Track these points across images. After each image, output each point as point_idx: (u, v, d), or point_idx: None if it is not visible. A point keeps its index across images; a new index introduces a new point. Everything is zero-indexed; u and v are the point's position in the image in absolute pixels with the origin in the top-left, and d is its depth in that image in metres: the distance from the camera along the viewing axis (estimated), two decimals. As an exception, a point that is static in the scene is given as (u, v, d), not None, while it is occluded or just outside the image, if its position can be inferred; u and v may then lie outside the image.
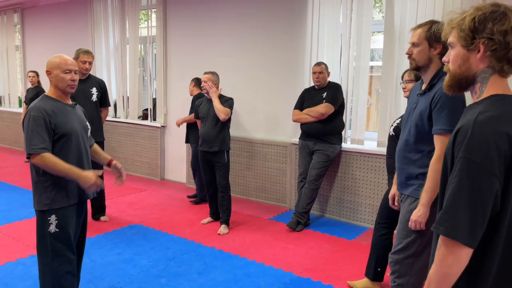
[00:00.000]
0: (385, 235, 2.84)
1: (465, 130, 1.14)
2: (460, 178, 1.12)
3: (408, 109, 2.19)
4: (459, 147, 1.14)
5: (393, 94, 4.02)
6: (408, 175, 2.12)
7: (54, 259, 2.24)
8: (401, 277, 2.13)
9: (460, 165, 1.13)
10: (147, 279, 3.08)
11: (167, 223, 4.23)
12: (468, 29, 1.19)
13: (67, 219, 2.27)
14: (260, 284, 3.02)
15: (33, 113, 2.20)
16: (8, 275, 3.07)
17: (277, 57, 4.74)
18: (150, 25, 5.97)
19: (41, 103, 2.25)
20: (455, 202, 1.12)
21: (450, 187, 1.15)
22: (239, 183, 5.14)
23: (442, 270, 1.15)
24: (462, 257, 1.13)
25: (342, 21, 4.28)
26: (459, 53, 1.23)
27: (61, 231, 2.25)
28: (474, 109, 1.19)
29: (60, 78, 2.28)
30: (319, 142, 4.04)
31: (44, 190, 2.23)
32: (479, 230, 1.12)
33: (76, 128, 2.32)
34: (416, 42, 2.04)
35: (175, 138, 5.82)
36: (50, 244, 2.24)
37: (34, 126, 2.18)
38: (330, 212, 4.51)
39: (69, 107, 2.35)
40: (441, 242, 1.15)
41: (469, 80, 1.24)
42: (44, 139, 2.18)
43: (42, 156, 2.17)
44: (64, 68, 2.28)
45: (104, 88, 4.25)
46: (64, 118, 2.27)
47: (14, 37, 8.09)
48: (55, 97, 2.32)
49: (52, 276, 2.25)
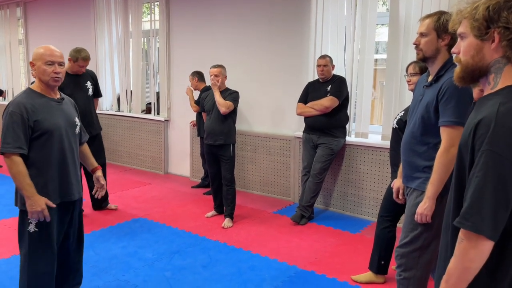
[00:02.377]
0: (388, 228, 2.84)
1: (488, 122, 1.11)
2: (485, 172, 1.10)
3: (414, 101, 2.17)
4: (482, 139, 1.11)
5: (397, 87, 4.00)
6: (414, 168, 2.10)
7: (32, 259, 2.19)
8: (407, 270, 2.12)
9: (485, 158, 1.10)
10: (152, 272, 3.09)
11: (171, 216, 4.24)
12: (482, 19, 1.16)
13: (48, 221, 2.20)
14: (265, 277, 3.03)
15: (11, 108, 2.09)
16: (14, 269, 3.08)
17: (281, 50, 4.72)
18: (153, 19, 5.94)
19: (21, 98, 2.13)
20: (480, 196, 1.10)
21: (473, 181, 1.12)
22: (243, 176, 5.14)
23: (464, 265, 1.14)
24: (484, 251, 1.12)
25: (346, 14, 4.25)
26: (472, 44, 1.20)
27: (40, 231, 2.18)
28: (492, 100, 1.16)
29: (42, 70, 2.15)
30: (323, 135, 4.03)
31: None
32: (502, 223, 1.11)
33: (60, 124, 2.21)
34: (424, 32, 2.01)
35: (179, 132, 5.82)
36: (28, 243, 2.18)
37: (10, 122, 2.07)
38: (334, 205, 4.51)
39: (54, 102, 2.23)
40: (462, 237, 1.14)
41: (482, 71, 1.21)
42: (19, 137, 2.08)
43: (12, 159, 2.08)
44: (46, 59, 2.14)
45: (96, 79, 4.31)
46: (46, 114, 2.15)
47: (17, 31, 8.08)
48: (39, 91, 2.20)
49: (28, 275, 2.21)
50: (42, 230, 2.19)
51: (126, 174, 5.91)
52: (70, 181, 2.31)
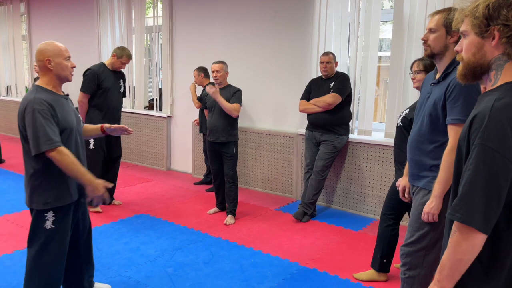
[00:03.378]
0: (391, 226, 2.83)
1: (482, 117, 1.14)
2: (477, 165, 1.12)
3: (421, 98, 2.14)
4: (475, 134, 1.14)
5: (401, 85, 3.98)
6: (421, 167, 2.08)
7: (46, 255, 2.19)
8: (412, 269, 2.11)
9: (477, 151, 1.12)
10: (154, 268, 3.09)
11: (173, 213, 4.25)
12: (482, 16, 1.18)
13: (65, 217, 2.21)
14: (266, 274, 3.03)
15: (37, 106, 2.05)
16: (17, 264, 3.10)
17: (284, 47, 4.70)
18: (156, 15, 5.93)
19: (39, 95, 2.10)
20: (471, 189, 1.13)
21: (465, 174, 1.15)
22: (245, 173, 5.14)
23: (456, 256, 1.16)
24: (476, 244, 1.13)
25: (350, 10, 4.23)
26: (473, 41, 1.22)
27: (57, 227, 2.19)
28: (489, 96, 1.18)
29: (64, 66, 2.17)
30: (326, 132, 4.02)
31: (43, 188, 2.13)
32: (494, 217, 1.12)
33: (73, 121, 2.21)
34: (433, 28, 1.98)
35: (182, 128, 5.82)
36: (44, 240, 2.17)
37: (42, 119, 2.03)
38: (336, 203, 4.50)
39: (63, 98, 2.23)
40: (455, 229, 1.16)
41: (484, 68, 1.22)
42: (56, 132, 2.06)
43: (60, 151, 2.04)
44: (66, 55, 2.19)
45: (125, 79, 4.56)
46: (62, 111, 2.15)
47: (20, 26, 8.08)
48: (50, 88, 2.18)
49: (39, 271, 2.20)
50: (59, 227, 2.20)
51: (129, 170, 5.92)
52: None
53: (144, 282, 2.90)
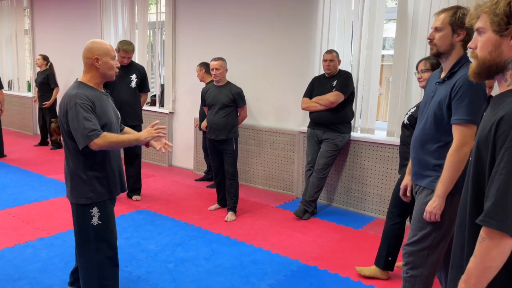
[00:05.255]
0: (397, 224, 2.83)
1: (510, 119, 1.10)
2: (510, 169, 1.08)
3: (425, 97, 2.13)
4: (504, 136, 1.10)
5: (404, 84, 3.97)
6: (424, 166, 2.07)
7: (99, 252, 2.22)
8: (415, 268, 2.11)
9: (508, 155, 1.08)
10: (155, 264, 3.10)
11: (174, 209, 4.25)
12: (503, 14, 1.14)
13: (109, 211, 2.25)
14: (267, 271, 3.03)
15: (79, 100, 2.09)
16: (18, 257, 3.11)
17: (287, 44, 4.69)
18: (159, 11, 5.92)
19: (81, 90, 2.15)
20: (505, 194, 1.09)
21: (497, 178, 1.10)
22: (246, 170, 5.14)
23: (485, 264, 1.12)
24: (506, 250, 1.11)
25: (354, 8, 4.21)
26: (490, 39, 1.18)
27: (104, 223, 2.22)
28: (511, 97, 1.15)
29: (110, 65, 2.22)
30: (328, 131, 4.01)
31: (87, 183, 2.16)
32: None
33: (113, 117, 2.26)
34: (439, 26, 1.96)
35: (183, 124, 5.82)
36: (93, 237, 2.20)
37: (84, 112, 2.07)
38: (337, 201, 4.50)
39: (104, 95, 2.28)
40: (484, 235, 1.12)
41: (500, 67, 1.19)
42: (97, 124, 2.10)
43: (103, 136, 2.08)
44: (112, 54, 2.23)
45: (144, 74, 4.53)
46: (103, 107, 2.20)
47: (23, 21, 8.08)
48: (92, 85, 2.22)
49: (97, 268, 2.23)
50: (105, 221, 2.22)
51: (130, 166, 5.92)
52: (123, 173, 2.40)
53: (144, 277, 2.91)
